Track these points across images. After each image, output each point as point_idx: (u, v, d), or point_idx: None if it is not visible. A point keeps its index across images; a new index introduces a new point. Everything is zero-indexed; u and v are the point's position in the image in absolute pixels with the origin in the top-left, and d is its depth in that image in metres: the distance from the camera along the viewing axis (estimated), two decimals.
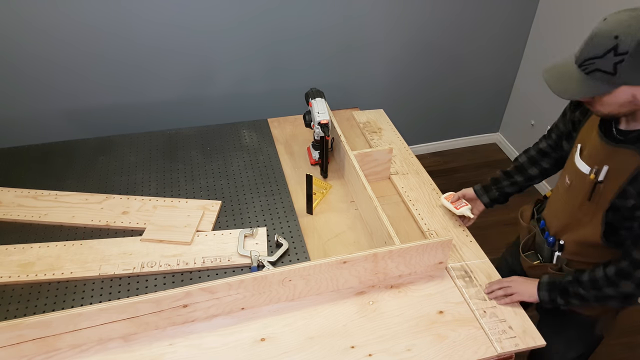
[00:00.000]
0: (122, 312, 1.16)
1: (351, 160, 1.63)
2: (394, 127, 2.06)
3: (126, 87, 2.30)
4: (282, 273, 1.23)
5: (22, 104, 2.22)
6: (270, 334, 1.23)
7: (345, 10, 2.35)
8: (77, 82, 2.22)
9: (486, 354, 1.19)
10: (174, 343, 1.21)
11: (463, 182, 2.94)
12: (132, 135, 1.98)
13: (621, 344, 2.10)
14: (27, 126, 2.28)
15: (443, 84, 2.82)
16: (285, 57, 2.42)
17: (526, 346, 1.21)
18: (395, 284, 1.37)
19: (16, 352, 1.15)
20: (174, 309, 1.20)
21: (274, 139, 1.99)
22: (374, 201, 1.46)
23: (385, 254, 1.29)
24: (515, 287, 1.30)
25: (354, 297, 1.33)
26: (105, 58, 2.18)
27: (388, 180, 1.78)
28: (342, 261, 1.26)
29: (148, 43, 2.18)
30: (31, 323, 1.10)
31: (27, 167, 1.79)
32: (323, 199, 1.68)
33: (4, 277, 1.35)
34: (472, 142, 3.20)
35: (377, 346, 1.21)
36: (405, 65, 2.67)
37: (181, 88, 2.38)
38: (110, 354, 1.18)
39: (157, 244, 1.47)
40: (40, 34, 2.04)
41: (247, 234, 1.50)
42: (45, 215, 1.57)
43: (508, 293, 1.31)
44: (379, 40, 2.52)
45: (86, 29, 2.07)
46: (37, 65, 2.12)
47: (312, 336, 1.23)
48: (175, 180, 1.75)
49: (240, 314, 1.28)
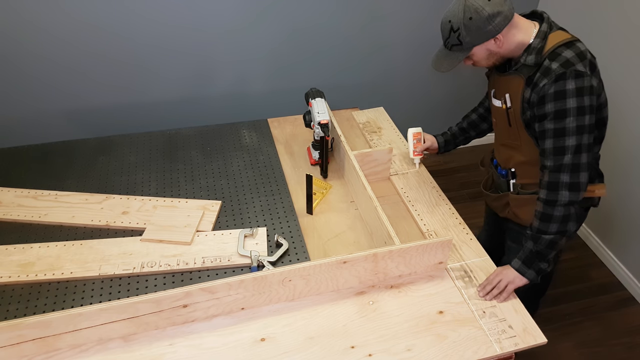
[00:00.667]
0: (122, 312, 1.16)
1: (351, 160, 1.63)
2: (394, 126, 2.06)
3: (126, 87, 2.30)
4: (282, 273, 1.23)
5: (22, 104, 2.22)
6: (270, 334, 1.23)
7: (345, 10, 2.35)
8: (78, 82, 2.22)
9: (486, 354, 1.19)
10: (174, 343, 1.21)
11: (463, 182, 2.93)
12: (132, 135, 1.98)
13: (621, 344, 2.10)
14: (27, 126, 2.28)
15: (443, 84, 2.82)
16: (285, 57, 2.42)
17: (526, 345, 1.21)
18: (395, 284, 1.37)
19: (16, 352, 1.15)
20: (174, 309, 1.20)
21: (274, 139, 1.99)
22: (374, 201, 1.46)
23: (385, 254, 1.29)
24: (505, 278, 1.34)
25: (354, 297, 1.33)
26: (105, 58, 2.18)
27: (388, 180, 1.79)
28: (342, 261, 1.26)
29: (148, 43, 2.18)
30: (31, 323, 1.10)
31: (27, 167, 1.79)
32: (323, 199, 1.68)
33: (4, 277, 1.35)
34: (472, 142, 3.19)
35: (377, 346, 1.21)
36: (405, 65, 2.67)
37: (181, 88, 2.38)
38: (110, 354, 1.18)
39: (157, 244, 1.47)
40: (40, 33, 2.04)
41: (247, 234, 1.50)
42: (45, 215, 1.57)
43: (502, 288, 1.33)
44: (378, 40, 2.51)
45: (86, 29, 2.07)
46: (38, 65, 2.12)
47: (312, 336, 1.23)
48: (175, 180, 1.75)
49: (240, 314, 1.28)
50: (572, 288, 2.34)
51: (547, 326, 2.12)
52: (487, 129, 1.76)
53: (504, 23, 1.25)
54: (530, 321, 1.27)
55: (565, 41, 1.27)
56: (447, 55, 1.36)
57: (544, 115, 1.26)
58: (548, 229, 1.31)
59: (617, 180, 2.30)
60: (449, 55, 1.35)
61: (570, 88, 1.22)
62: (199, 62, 2.31)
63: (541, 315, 2.15)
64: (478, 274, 1.40)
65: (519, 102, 1.35)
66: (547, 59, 1.26)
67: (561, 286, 2.33)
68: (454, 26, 1.28)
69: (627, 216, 2.29)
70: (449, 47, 1.34)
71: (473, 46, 1.30)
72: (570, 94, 1.22)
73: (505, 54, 1.34)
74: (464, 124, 1.78)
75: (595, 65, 1.29)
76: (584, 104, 1.23)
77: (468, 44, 1.30)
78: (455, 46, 1.32)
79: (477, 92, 2.91)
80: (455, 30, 1.28)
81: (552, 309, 2.22)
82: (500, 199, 1.61)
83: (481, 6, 1.23)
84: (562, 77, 1.22)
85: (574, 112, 1.22)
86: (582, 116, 1.23)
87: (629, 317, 2.21)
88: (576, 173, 1.27)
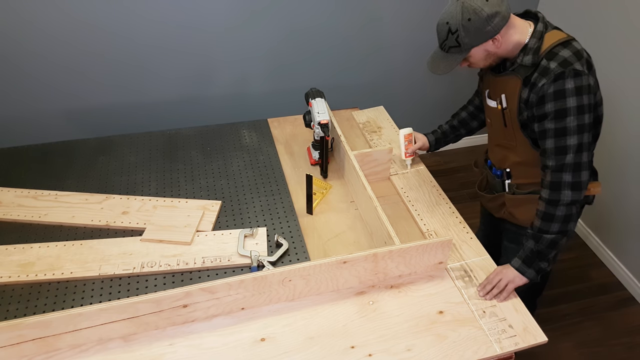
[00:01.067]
0: (122, 312, 1.16)
1: (351, 160, 1.63)
2: (394, 124, 2.06)
3: (126, 87, 2.30)
4: (282, 273, 1.23)
5: (22, 104, 2.22)
6: (270, 334, 1.23)
7: (345, 11, 2.35)
8: (77, 82, 2.22)
9: (486, 354, 1.19)
10: (174, 343, 1.21)
11: (463, 182, 2.94)
12: (132, 135, 1.98)
13: (621, 344, 2.10)
14: (27, 126, 2.28)
15: (443, 85, 2.83)
16: (285, 57, 2.42)
17: (527, 344, 1.21)
18: (395, 284, 1.37)
19: (16, 352, 1.15)
20: (174, 309, 1.20)
21: (274, 139, 1.99)
22: (374, 201, 1.46)
23: (385, 254, 1.29)
24: (505, 277, 1.34)
25: (354, 297, 1.33)
26: (105, 58, 2.18)
27: (388, 180, 1.79)
28: (342, 261, 1.26)
29: (148, 43, 2.18)
30: (31, 323, 1.10)
31: (27, 167, 1.79)
32: (323, 198, 1.68)
33: (4, 277, 1.35)
34: (472, 142, 3.20)
35: (377, 346, 1.21)
36: (406, 65, 2.67)
37: (181, 88, 2.38)
38: (110, 354, 1.18)
39: (157, 244, 1.47)
40: (40, 33, 2.04)
41: (247, 234, 1.50)
42: (45, 215, 1.56)
43: (502, 287, 1.33)
44: (379, 40, 2.52)
45: (86, 28, 2.07)
46: (37, 65, 2.12)
47: (312, 336, 1.23)
48: (175, 180, 1.75)
49: (240, 314, 1.28)
50: (572, 288, 2.34)
51: (547, 326, 2.12)
52: (477, 127, 1.75)
53: (502, 23, 1.25)
54: (530, 320, 1.27)
55: (562, 40, 1.27)
56: (443, 58, 1.35)
57: (544, 115, 1.26)
58: (550, 228, 1.31)
59: (613, 179, 2.30)
60: (446, 58, 1.34)
61: (570, 87, 1.22)
62: (199, 62, 2.31)
63: (540, 315, 2.15)
64: (478, 273, 1.40)
65: (516, 103, 1.35)
66: (545, 58, 1.26)
67: (561, 286, 2.34)
68: (452, 28, 1.26)
69: (623, 215, 2.29)
70: (446, 49, 1.32)
71: (471, 47, 1.30)
72: (569, 93, 1.22)
73: (503, 54, 1.34)
74: (455, 122, 1.77)
75: (592, 64, 1.30)
76: (584, 103, 1.23)
77: (466, 46, 1.29)
78: (453, 48, 1.31)
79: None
80: (454, 32, 1.26)
81: (551, 309, 2.22)
82: (495, 200, 1.61)
83: (480, 7, 1.22)
84: (561, 76, 1.22)
85: (574, 112, 1.22)
86: (582, 115, 1.23)
87: (629, 317, 2.22)
88: (578, 172, 1.27)
